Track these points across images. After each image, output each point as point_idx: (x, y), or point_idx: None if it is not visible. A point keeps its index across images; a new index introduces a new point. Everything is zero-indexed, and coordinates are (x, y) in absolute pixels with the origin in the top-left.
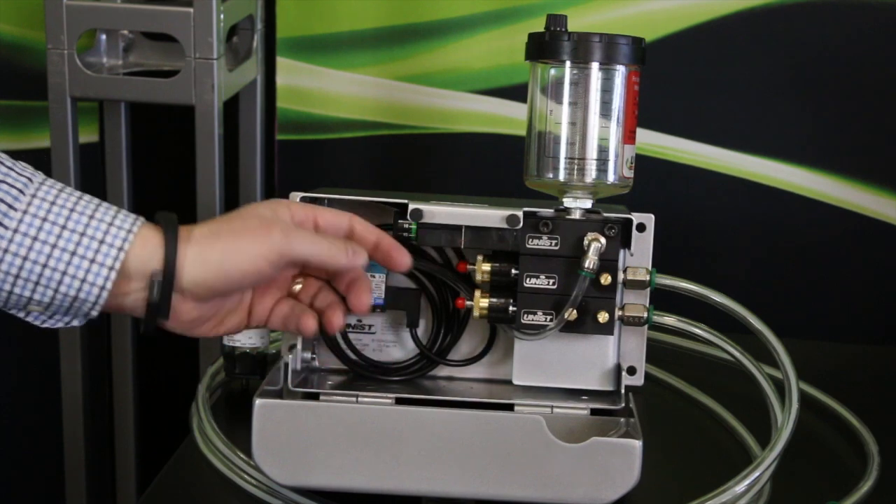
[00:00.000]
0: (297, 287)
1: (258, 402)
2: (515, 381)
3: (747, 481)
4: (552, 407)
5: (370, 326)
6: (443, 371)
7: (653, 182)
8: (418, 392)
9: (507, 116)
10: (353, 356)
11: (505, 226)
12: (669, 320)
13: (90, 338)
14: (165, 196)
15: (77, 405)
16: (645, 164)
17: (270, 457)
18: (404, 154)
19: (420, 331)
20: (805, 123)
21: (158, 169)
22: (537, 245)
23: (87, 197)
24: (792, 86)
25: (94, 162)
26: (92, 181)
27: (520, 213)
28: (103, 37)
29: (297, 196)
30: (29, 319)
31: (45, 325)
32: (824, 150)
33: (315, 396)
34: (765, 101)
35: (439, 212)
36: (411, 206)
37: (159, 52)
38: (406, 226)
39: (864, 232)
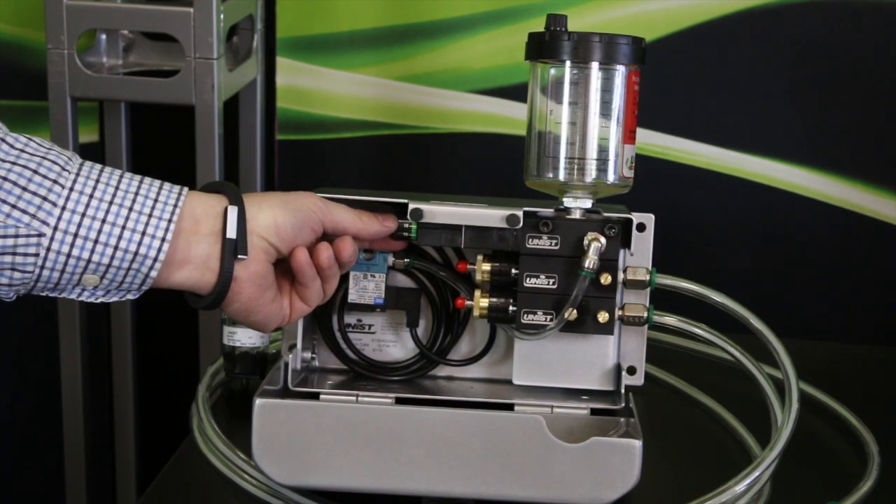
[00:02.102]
0: None
1: (258, 402)
2: (515, 381)
3: (747, 481)
4: (552, 407)
5: (370, 326)
6: (443, 371)
7: (653, 182)
8: (418, 392)
9: (507, 116)
10: (353, 356)
11: (505, 226)
12: (669, 320)
13: (90, 338)
14: None
15: (77, 405)
16: (645, 164)
17: (270, 457)
18: (404, 154)
19: (420, 331)
20: (805, 123)
21: (158, 169)
22: (537, 245)
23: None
24: (792, 86)
25: (94, 162)
26: None
27: (520, 213)
28: (103, 37)
29: None
30: (83, 298)
31: (100, 301)
32: (824, 150)
33: (315, 396)
34: (765, 101)
35: (439, 212)
36: (411, 206)
37: (159, 52)
38: (406, 226)
39: (864, 232)
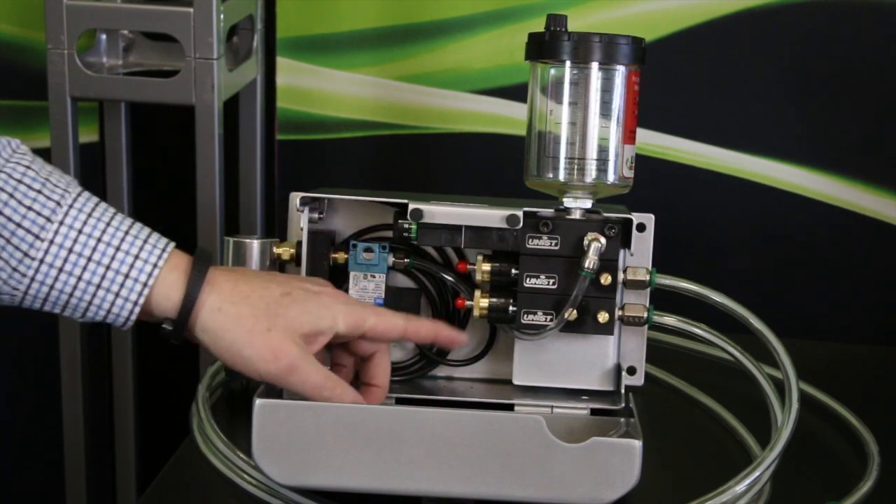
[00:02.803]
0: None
1: (258, 402)
2: (515, 381)
3: (747, 481)
4: (552, 407)
5: None
6: (443, 371)
7: (653, 182)
8: (418, 392)
9: (507, 116)
10: None
11: (505, 226)
12: (669, 320)
13: (90, 338)
14: (165, 196)
15: (77, 405)
16: (645, 164)
17: (270, 457)
18: (404, 154)
19: None
20: (805, 123)
21: (158, 169)
22: (537, 245)
23: (120, 214)
24: (792, 86)
25: (94, 162)
26: (92, 181)
27: (520, 213)
28: (103, 37)
29: (297, 196)
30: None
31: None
32: (824, 150)
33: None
34: (765, 101)
35: (439, 212)
36: (411, 206)
37: (159, 52)
38: (406, 226)
39: (864, 232)
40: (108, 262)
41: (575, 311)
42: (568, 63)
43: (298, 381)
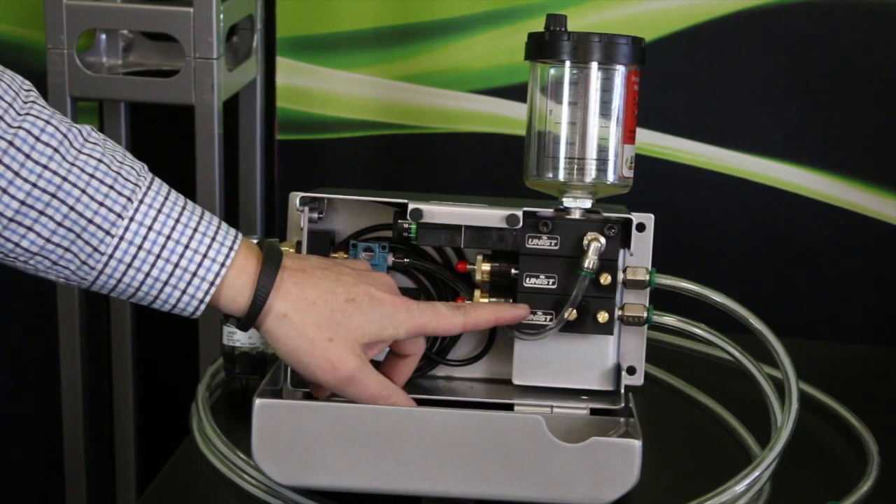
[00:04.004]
0: None
1: (258, 402)
2: (515, 381)
3: (747, 481)
4: (552, 407)
5: None
6: (443, 371)
7: (653, 182)
8: (418, 392)
9: (507, 116)
10: None
11: (505, 226)
12: (669, 320)
13: (90, 338)
14: None
15: (77, 405)
16: (645, 164)
17: (270, 457)
18: (404, 154)
19: None
20: (805, 123)
21: (158, 169)
22: (537, 245)
23: (190, 205)
24: (792, 86)
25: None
26: None
27: (519, 213)
28: (103, 37)
29: (297, 196)
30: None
31: None
32: (824, 150)
33: (315, 396)
34: (765, 101)
35: (439, 212)
36: (411, 206)
37: (159, 52)
38: (406, 226)
39: (864, 232)
40: (176, 259)
41: (575, 311)
42: (568, 63)
43: (355, 392)
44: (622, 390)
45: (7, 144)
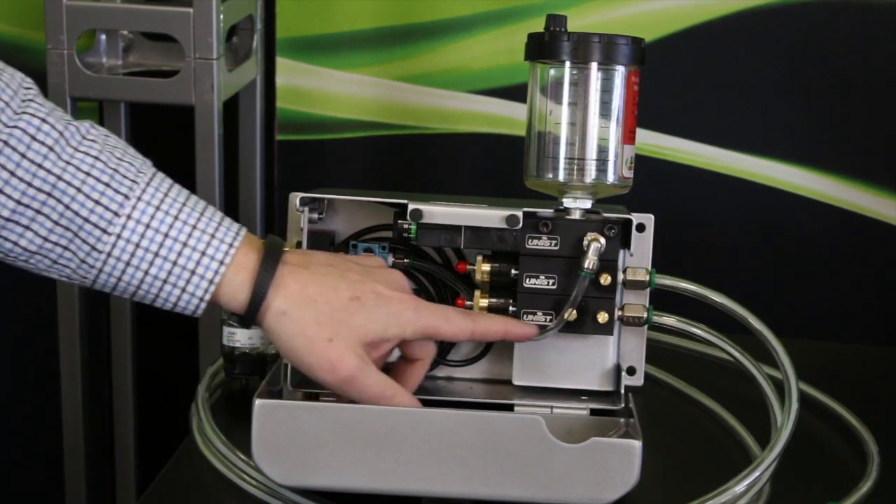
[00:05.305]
0: None
1: (258, 402)
2: (515, 382)
3: (747, 481)
4: (552, 407)
5: None
6: (442, 371)
7: (653, 182)
8: (418, 392)
9: (507, 116)
10: None
11: (505, 226)
12: (669, 320)
13: (90, 338)
14: None
15: (77, 405)
16: (645, 164)
17: (270, 457)
18: (404, 154)
19: None
20: (805, 123)
21: (158, 169)
22: (537, 245)
23: (191, 201)
24: (792, 86)
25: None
26: None
27: (519, 214)
28: (103, 37)
29: (297, 196)
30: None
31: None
32: (824, 150)
33: (315, 396)
34: (765, 101)
35: (439, 212)
36: (411, 207)
37: (159, 52)
38: (406, 226)
39: (864, 232)
40: (174, 257)
41: (574, 312)
42: (567, 63)
43: (356, 392)
44: (622, 391)
45: (2, 144)
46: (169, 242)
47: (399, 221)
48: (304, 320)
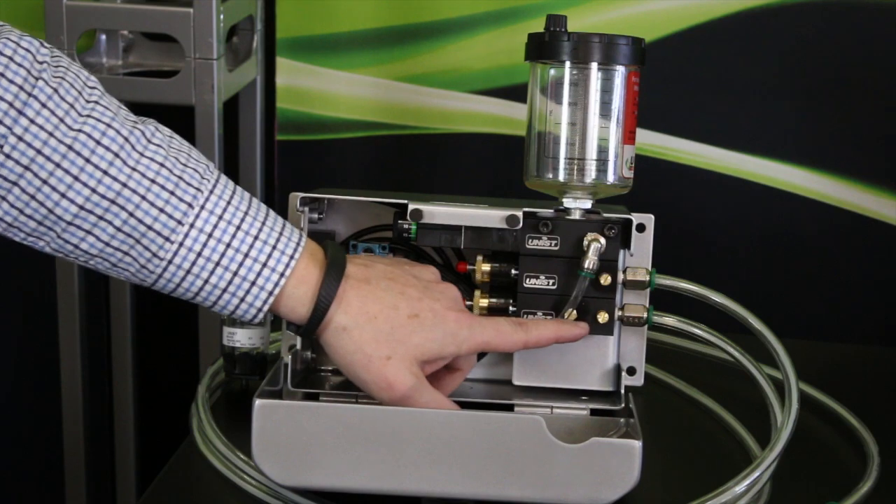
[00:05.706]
0: None
1: (258, 402)
2: (515, 382)
3: (747, 481)
4: (552, 407)
5: None
6: None
7: (653, 182)
8: None
9: (507, 117)
10: None
11: (505, 226)
12: (669, 320)
13: (90, 338)
14: None
15: (77, 405)
16: (645, 164)
17: (270, 457)
18: (404, 154)
19: None
20: (805, 123)
21: None
22: (537, 245)
23: (253, 209)
24: (792, 86)
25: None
26: None
27: (519, 214)
28: (103, 37)
29: (297, 196)
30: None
31: None
32: (824, 150)
33: (315, 396)
34: (765, 101)
35: (439, 212)
36: (411, 207)
37: (159, 53)
38: (406, 226)
39: (864, 232)
40: (235, 268)
41: (574, 312)
42: (567, 63)
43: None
44: (622, 391)
45: (66, 148)
46: (230, 253)
47: (399, 221)
48: (363, 338)
